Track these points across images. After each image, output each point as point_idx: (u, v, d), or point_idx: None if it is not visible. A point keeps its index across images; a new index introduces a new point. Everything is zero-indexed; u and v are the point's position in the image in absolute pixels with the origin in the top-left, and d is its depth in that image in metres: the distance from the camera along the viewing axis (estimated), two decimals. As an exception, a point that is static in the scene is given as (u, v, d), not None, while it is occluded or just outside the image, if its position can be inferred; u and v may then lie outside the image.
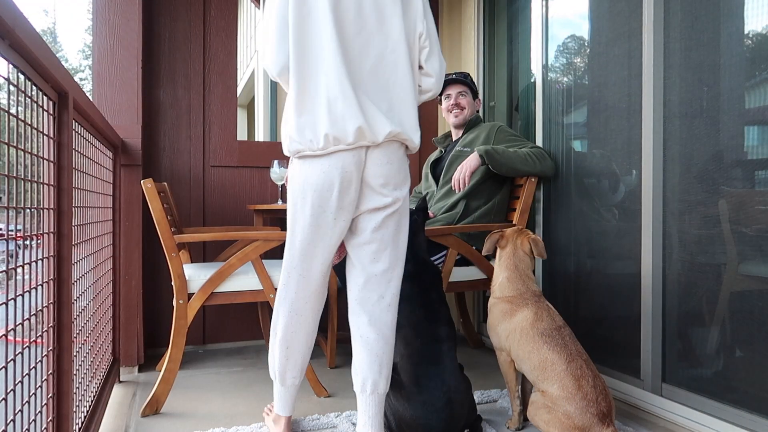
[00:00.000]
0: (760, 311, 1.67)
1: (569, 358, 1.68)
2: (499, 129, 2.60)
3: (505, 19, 3.02)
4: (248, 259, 2.12)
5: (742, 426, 1.69)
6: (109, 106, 2.56)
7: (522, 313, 1.78)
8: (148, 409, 2.04)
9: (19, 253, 1.14)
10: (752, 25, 1.72)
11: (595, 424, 1.58)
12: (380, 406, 1.64)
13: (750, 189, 1.71)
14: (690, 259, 1.90)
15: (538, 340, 1.73)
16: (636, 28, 2.08)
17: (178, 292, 2.08)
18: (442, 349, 1.74)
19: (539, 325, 1.75)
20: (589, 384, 1.63)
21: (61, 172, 1.34)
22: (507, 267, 1.87)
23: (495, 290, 1.89)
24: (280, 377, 1.74)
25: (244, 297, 2.18)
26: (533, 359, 1.72)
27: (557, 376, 1.65)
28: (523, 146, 2.51)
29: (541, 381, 1.69)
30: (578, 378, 1.64)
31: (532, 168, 2.42)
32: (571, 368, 1.65)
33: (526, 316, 1.77)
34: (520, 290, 1.83)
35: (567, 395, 1.62)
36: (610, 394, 1.65)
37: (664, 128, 1.98)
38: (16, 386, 1.06)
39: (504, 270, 1.88)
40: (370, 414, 1.63)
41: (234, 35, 2.99)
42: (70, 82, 1.35)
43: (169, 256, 2.06)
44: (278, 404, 1.79)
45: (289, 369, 1.73)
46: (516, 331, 1.78)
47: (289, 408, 1.79)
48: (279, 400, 1.79)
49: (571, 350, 1.70)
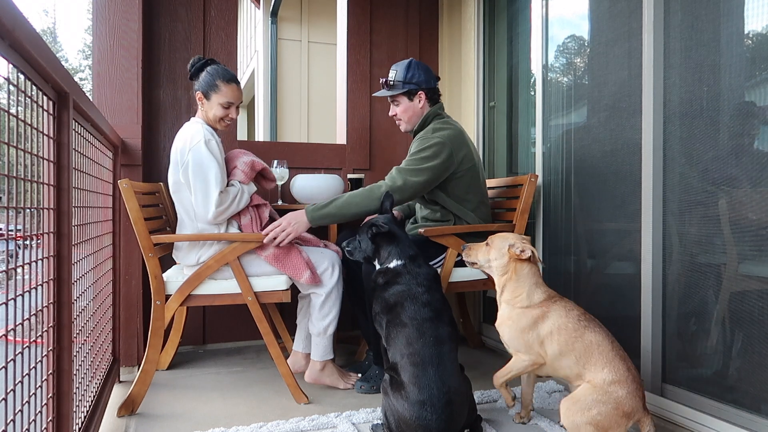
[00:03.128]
0: (760, 311, 1.67)
1: (611, 338, 1.70)
2: (417, 138, 2.36)
3: (505, 19, 3.02)
4: (225, 260, 2.11)
5: (742, 426, 1.69)
6: (109, 106, 2.56)
7: (555, 312, 1.77)
8: (124, 409, 2.04)
9: (19, 253, 1.14)
10: (752, 25, 1.72)
11: (640, 408, 1.59)
12: None
13: (750, 189, 1.71)
14: (690, 259, 1.90)
15: (579, 326, 1.72)
16: (636, 28, 2.08)
17: (156, 293, 2.09)
18: (443, 350, 1.73)
19: (573, 314, 1.76)
20: (633, 366, 1.65)
21: (61, 172, 1.34)
22: (534, 274, 1.85)
23: (521, 300, 1.82)
24: None
25: (222, 299, 2.16)
26: (577, 348, 1.70)
27: (606, 358, 1.65)
28: (397, 169, 2.23)
29: (589, 368, 1.67)
30: (624, 359, 1.65)
31: (357, 210, 2.18)
32: (615, 348, 1.67)
33: (559, 313, 1.76)
34: (548, 293, 1.83)
35: (619, 378, 1.61)
36: None
37: (664, 128, 1.98)
38: (16, 386, 1.06)
39: (530, 278, 1.84)
40: None
41: (234, 35, 2.99)
42: (70, 82, 1.35)
43: (146, 256, 2.06)
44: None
45: None
46: (554, 331, 1.75)
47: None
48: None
49: (608, 332, 1.72)
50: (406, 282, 1.86)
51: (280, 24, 7.25)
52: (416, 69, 2.38)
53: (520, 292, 1.82)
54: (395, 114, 2.44)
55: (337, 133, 3.50)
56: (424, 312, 1.79)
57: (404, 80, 2.36)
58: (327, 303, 2.24)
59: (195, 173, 2.08)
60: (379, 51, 3.34)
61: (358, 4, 3.30)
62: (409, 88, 2.36)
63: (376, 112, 3.32)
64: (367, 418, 1.98)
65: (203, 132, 2.13)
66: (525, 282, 1.83)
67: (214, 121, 2.25)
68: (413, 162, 2.25)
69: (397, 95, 2.39)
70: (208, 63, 2.26)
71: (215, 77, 2.21)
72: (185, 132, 2.18)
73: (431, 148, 2.25)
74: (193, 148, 2.09)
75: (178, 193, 2.18)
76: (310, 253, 2.25)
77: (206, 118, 2.25)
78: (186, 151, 2.10)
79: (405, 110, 2.40)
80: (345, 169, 3.21)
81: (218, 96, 2.21)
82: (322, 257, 2.24)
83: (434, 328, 1.76)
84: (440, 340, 1.74)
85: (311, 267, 2.19)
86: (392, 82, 2.38)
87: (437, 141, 2.27)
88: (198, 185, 2.09)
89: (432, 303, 1.82)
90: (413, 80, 2.36)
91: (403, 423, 1.66)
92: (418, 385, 1.66)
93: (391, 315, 1.84)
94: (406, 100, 2.39)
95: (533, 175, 2.47)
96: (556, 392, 2.23)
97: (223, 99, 2.21)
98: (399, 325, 1.79)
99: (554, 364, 1.76)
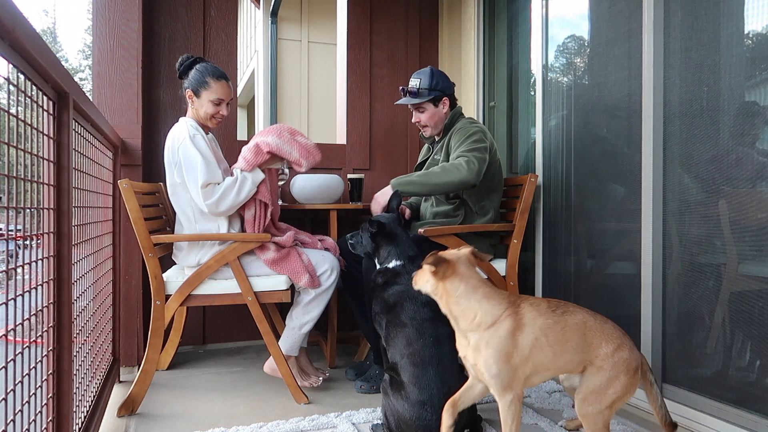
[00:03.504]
0: (760, 311, 1.67)
1: (585, 309, 1.58)
2: (452, 137, 2.40)
3: (505, 19, 3.02)
4: (225, 260, 2.11)
5: (742, 426, 1.69)
6: (109, 106, 2.56)
7: (527, 313, 1.53)
8: (124, 409, 2.04)
9: (19, 253, 1.14)
10: (752, 25, 1.72)
11: (639, 355, 1.56)
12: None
13: (750, 189, 1.71)
14: (690, 259, 1.90)
15: (558, 317, 1.53)
16: (636, 28, 2.08)
17: (156, 293, 2.09)
18: (443, 351, 1.73)
19: (543, 307, 1.55)
20: (609, 318, 1.59)
21: (61, 172, 1.33)
22: (473, 287, 1.54)
23: (480, 321, 1.52)
24: None
25: (222, 299, 2.17)
26: (569, 337, 1.52)
27: (598, 332, 1.54)
28: (460, 154, 2.29)
29: (587, 351, 1.53)
30: (605, 319, 1.58)
31: (448, 177, 2.22)
32: (597, 316, 1.57)
33: (533, 315, 1.53)
34: (505, 298, 1.56)
35: (617, 343, 1.53)
36: None
37: (664, 128, 1.98)
38: (16, 386, 1.06)
39: (471, 293, 1.54)
40: None
41: (234, 35, 2.99)
42: (70, 82, 1.35)
43: (146, 256, 2.07)
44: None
45: None
46: (539, 336, 1.51)
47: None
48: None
49: (577, 305, 1.60)
50: (405, 282, 1.86)
51: (280, 24, 7.25)
52: (439, 76, 2.47)
53: (472, 314, 1.52)
54: (419, 121, 2.49)
55: (337, 133, 3.50)
56: (423, 312, 1.79)
57: (430, 87, 2.43)
58: (313, 302, 2.24)
59: (186, 170, 2.10)
60: (379, 51, 3.34)
61: (358, 4, 3.30)
62: (435, 95, 2.43)
63: (376, 112, 3.32)
64: (367, 418, 1.97)
65: (187, 129, 2.15)
66: (469, 300, 1.53)
67: (205, 119, 2.25)
68: (470, 144, 2.31)
69: (423, 102, 2.44)
70: (197, 61, 2.27)
71: (205, 74, 2.22)
72: (173, 132, 2.20)
73: (476, 133, 2.35)
74: (181, 146, 2.11)
75: (175, 195, 2.19)
76: (311, 254, 2.24)
77: (197, 116, 2.26)
78: (176, 150, 2.12)
79: (431, 116, 2.47)
80: (345, 169, 3.21)
81: (208, 93, 2.21)
82: (323, 259, 2.24)
83: (434, 328, 1.76)
84: (440, 341, 1.74)
85: (311, 270, 2.19)
86: (418, 90, 2.43)
87: (476, 129, 2.38)
88: (190, 181, 2.10)
89: (431, 303, 1.81)
90: (438, 87, 2.44)
91: (403, 423, 1.66)
92: (418, 385, 1.66)
93: (391, 315, 1.84)
94: (432, 107, 2.46)
95: (533, 175, 2.47)
96: (556, 392, 2.23)
97: (214, 96, 2.21)
98: (399, 325, 1.79)
99: (552, 365, 1.54)
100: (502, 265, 2.48)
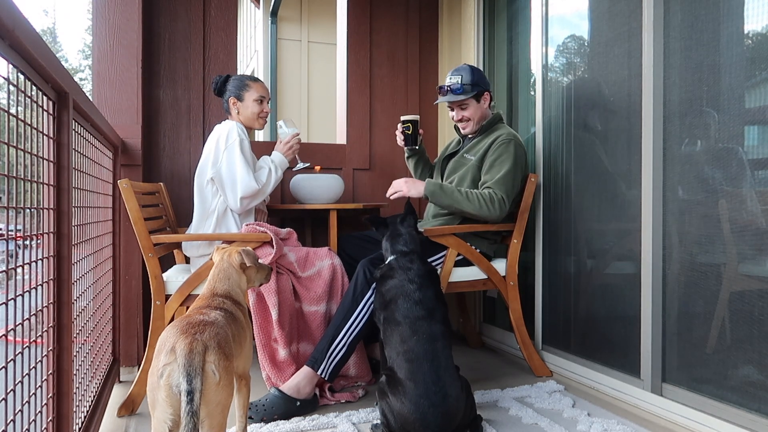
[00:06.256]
0: (760, 311, 1.67)
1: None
2: (491, 148, 2.39)
3: (505, 19, 3.02)
4: None
5: (742, 426, 1.69)
6: (109, 106, 2.56)
7: None
8: (124, 409, 2.04)
9: (19, 253, 1.14)
10: (752, 25, 1.72)
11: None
12: None
13: (750, 188, 1.71)
14: (690, 259, 1.90)
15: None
16: (636, 28, 2.08)
17: (156, 293, 2.09)
18: (437, 347, 1.77)
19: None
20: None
21: (61, 172, 1.34)
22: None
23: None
24: None
25: None
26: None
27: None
28: (491, 181, 2.32)
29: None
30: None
31: (475, 210, 2.29)
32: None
33: None
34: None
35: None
36: None
37: (664, 128, 1.98)
38: (16, 386, 1.06)
39: None
40: None
41: (234, 35, 2.99)
42: (70, 82, 1.35)
43: (146, 256, 2.07)
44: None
45: None
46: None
47: None
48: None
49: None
50: (399, 276, 1.92)
51: (280, 24, 7.25)
52: (478, 72, 2.47)
53: None
54: (462, 117, 2.48)
55: (337, 132, 3.50)
56: (416, 310, 1.83)
57: (472, 83, 2.42)
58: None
59: (226, 175, 2.26)
60: (379, 51, 3.34)
61: (358, 4, 3.30)
62: (478, 90, 2.44)
63: (376, 112, 3.32)
64: (367, 418, 1.98)
65: (237, 131, 2.31)
66: None
67: (252, 120, 2.45)
68: (506, 177, 2.32)
69: (467, 99, 2.44)
70: (229, 76, 2.50)
71: (242, 80, 2.45)
72: (221, 130, 2.33)
73: (513, 160, 2.35)
74: (227, 150, 2.28)
75: (201, 190, 2.33)
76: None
77: (244, 120, 2.45)
78: (221, 151, 2.27)
79: (475, 112, 2.47)
80: (345, 169, 3.21)
81: (250, 93, 2.43)
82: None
83: (427, 325, 1.80)
84: (433, 337, 1.78)
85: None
86: (460, 87, 2.42)
87: (514, 153, 2.36)
88: (227, 188, 2.27)
89: (424, 301, 1.85)
90: (480, 83, 2.45)
91: (401, 418, 1.68)
92: (413, 380, 1.69)
93: (387, 312, 1.89)
94: (474, 103, 2.46)
95: (533, 175, 2.47)
96: (556, 392, 2.23)
97: (256, 94, 2.43)
98: (393, 323, 1.84)
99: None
100: (502, 265, 2.48)
